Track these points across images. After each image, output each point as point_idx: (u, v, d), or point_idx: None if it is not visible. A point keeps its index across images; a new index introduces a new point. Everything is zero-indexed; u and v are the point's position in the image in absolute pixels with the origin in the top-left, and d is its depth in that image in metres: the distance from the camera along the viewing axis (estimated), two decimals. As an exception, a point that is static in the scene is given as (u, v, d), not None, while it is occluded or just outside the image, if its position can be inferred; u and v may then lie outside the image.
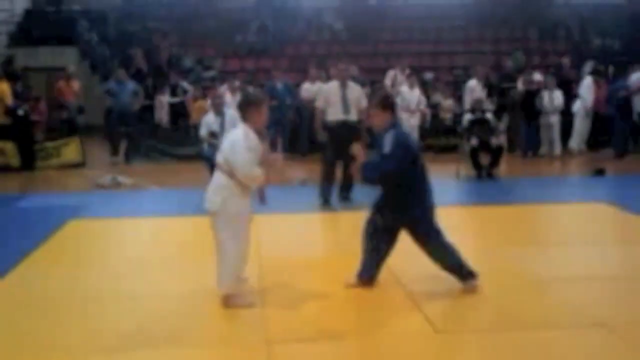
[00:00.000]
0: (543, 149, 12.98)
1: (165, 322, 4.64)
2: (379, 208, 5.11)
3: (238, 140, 4.74)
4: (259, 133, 4.88)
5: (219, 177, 4.83)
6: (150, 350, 4.23)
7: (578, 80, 13.68)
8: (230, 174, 4.74)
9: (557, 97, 12.72)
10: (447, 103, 14.10)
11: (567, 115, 13.03)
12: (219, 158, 4.86)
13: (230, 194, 4.74)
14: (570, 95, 13.02)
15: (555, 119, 12.77)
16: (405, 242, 6.45)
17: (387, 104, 5.08)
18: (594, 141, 13.46)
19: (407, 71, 13.66)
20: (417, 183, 4.98)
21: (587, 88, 13.08)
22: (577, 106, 13.14)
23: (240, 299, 4.92)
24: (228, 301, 4.88)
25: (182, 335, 4.47)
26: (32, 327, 4.61)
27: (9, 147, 11.86)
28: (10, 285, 5.47)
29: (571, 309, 4.85)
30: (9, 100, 12.14)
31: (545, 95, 12.68)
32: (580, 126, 13.23)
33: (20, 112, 12.22)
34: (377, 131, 5.13)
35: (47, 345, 4.31)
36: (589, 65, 14.79)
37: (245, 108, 4.85)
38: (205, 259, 5.06)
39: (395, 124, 5.02)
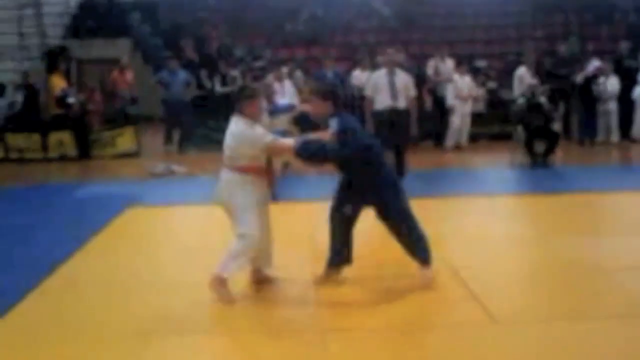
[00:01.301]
0: (600, 137, 12.63)
1: (220, 310, 4.70)
2: (343, 197, 5.03)
3: (240, 130, 4.72)
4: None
5: (225, 174, 4.82)
6: (206, 336, 4.32)
7: (637, 66, 13.22)
8: (235, 168, 4.74)
9: (614, 83, 12.36)
10: (477, 92, 13.56)
11: (626, 103, 12.63)
12: (226, 154, 4.84)
13: (236, 187, 4.74)
14: (629, 82, 12.59)
15: (613, 106, 12.41)
16: (462, 233, 6.40)
17: (327, 95, 4.91)
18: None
19: (450, 60, 13.27)
20: (380, 167, 4.92)
21: (647, 74, 12.66)
22: (636, 93, 12.72)
23: (225, 292, 4.74)
24: (215, 286, 4.72)
25: (236, 324, 4.53)
26: (81, 310, 4.73)
27: (67, 137, 12.15)
28: (68, 273, 5.60)
29: (630, 298, 4.74)
30: (58, 90, 12.41)
31: (603, 81, 12.34)
32: (640, 114, 12.81)
33: (71, 100, 12.43)
34: (316, 120, 4.98)
35: (91, 328, 4.42)
36: (647, 50, 14.29)
37: (240, 100, 4.82)
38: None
39: (338, 114, 4.86)
